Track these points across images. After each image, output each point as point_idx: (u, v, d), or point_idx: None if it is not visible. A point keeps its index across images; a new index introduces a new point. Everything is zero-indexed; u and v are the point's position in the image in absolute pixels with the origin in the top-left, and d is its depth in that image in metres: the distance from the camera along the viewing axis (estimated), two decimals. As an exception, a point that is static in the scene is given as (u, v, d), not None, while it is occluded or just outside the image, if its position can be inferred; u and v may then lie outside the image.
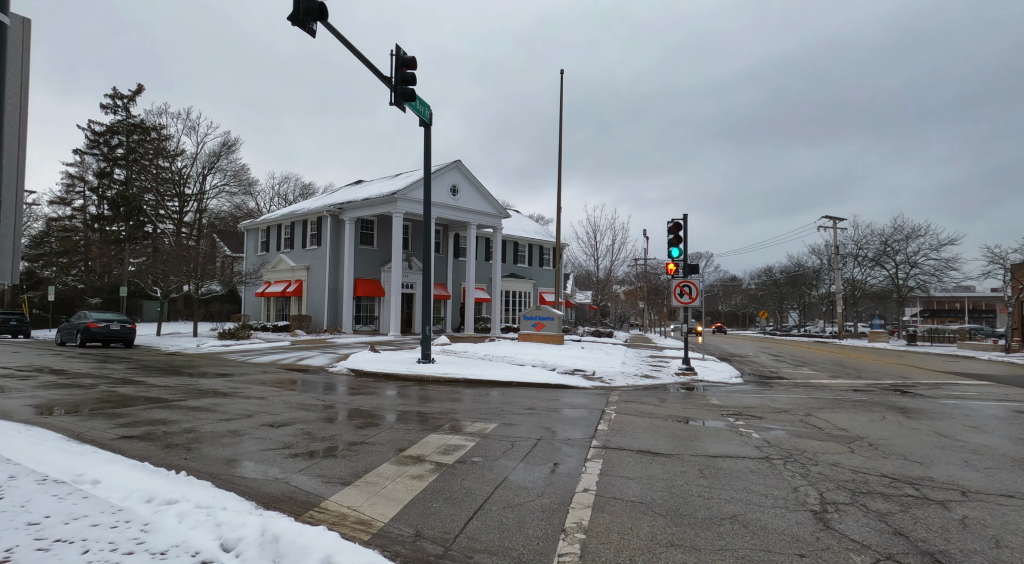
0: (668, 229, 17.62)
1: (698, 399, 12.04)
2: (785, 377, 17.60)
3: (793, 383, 15.84)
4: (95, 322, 24.38)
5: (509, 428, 7.97)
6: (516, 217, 49.66)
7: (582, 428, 8.22)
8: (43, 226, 49.04)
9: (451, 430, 7.74)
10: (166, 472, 5.19)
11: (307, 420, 8.29)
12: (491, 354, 19.66)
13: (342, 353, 19.91)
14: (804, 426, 8.74)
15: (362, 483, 5.25)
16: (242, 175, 57.19)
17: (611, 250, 49.08)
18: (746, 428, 8.44)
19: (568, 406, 10.53)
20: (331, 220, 31.64)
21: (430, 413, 9.24)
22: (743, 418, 9.44)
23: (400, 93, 13.71)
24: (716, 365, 19.89)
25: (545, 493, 5.10)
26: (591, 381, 14.57)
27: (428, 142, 16.56)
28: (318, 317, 31.51)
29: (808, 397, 12.57)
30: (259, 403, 9.73)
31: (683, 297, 17.42)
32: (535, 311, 23.86)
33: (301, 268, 33.00)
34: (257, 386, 12.19)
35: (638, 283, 67.96)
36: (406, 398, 11.11)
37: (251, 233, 39.05)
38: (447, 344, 22.17)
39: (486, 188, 32.70)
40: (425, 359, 16.13)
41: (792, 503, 4.94)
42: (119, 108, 48.74)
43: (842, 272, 50.50)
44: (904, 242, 45.26)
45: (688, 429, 8.50)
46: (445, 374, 14.27)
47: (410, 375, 14.28)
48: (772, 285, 75.64)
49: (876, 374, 18.88)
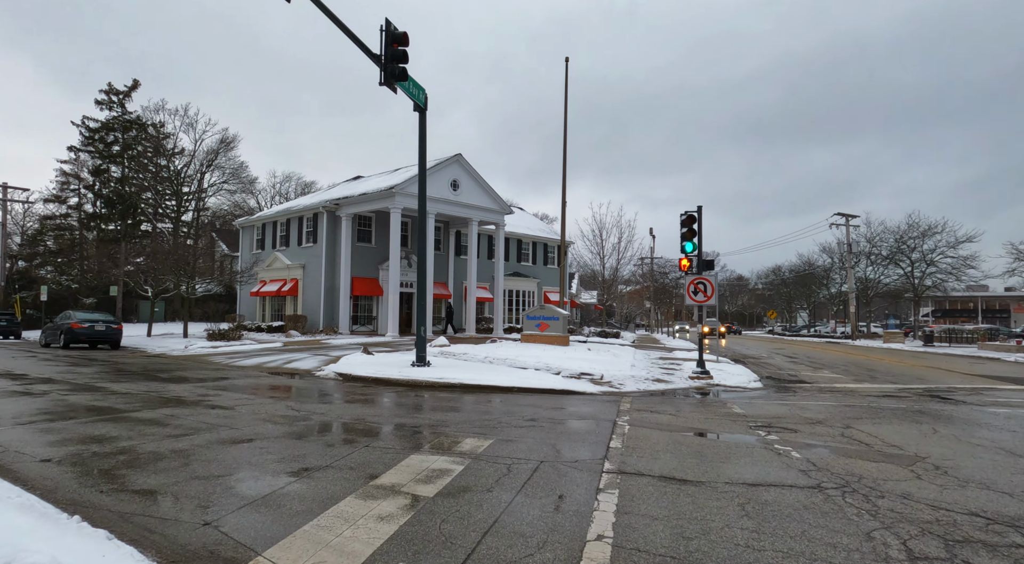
0: (681, 222, 16.43)
1: (719, 407, 10.85)
2: (806, 381, 16.39)
3: (817, 388, 14.64)
4: (79, 322, 23.31)
5: (506, 446, 6.81)
6: (520, 214, 48.46)
7: (591, 445, 7.06)
8: (38, 224, 48.11)
9: (437, 449, 6.58)
10: (57, 515, 4.03)
11: (272, 436, 7.14)
12: (492, 356, 18.50)
13: (334, 355, 18.78)
14: (848, 441, 7.55)
15: (313, 528, 4.10)
16: (241, 172, 56.16)
17: (617, 248, 47.86)
18: (782, 445, 7.25)
19: (575, 416, 9.36)
20: (327, 216, 30.47)
21: (417, 426, 8.08)
22: (775, 431, 8.25)
23: (390, 71, 12.55)
24: (731, 368, 18.69)
25: (547, 543, 3.93)
26: (599, 386, 13.40)
27: (423, 129, 15.41)
28: (314, 317, 30.37)
29: (839, 404, 11.38)
30: (223, 415, 8.59)
31: (697, 295, 16.23)
32: (539, 310, 22.66)
33: (297, 266, 31.87)
34: (230, 393, 11.05)
35: (644, 283, 66.69)
36: (393, 407, 9.96)
37: (246, 230, 37.89)
38: (446, 345, 21.02)
39: (489, 184, 31.50)
40: (420, 362, 14.98)
41: (871, 559, 3.75)
42: (114, 104, 47.76)
43: (854, 271, 49.14)
44: (920, 239, 43.86)
45: (716, 446, 7.32)
46: (440, 379, 13.11)
47: (402, 380, 13.13)
48: (780, 284, 74.20)
49: (904, 377, 17.64)
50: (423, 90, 15.00)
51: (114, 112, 47.94)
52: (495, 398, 11.49)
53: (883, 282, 50.52)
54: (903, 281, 47.47)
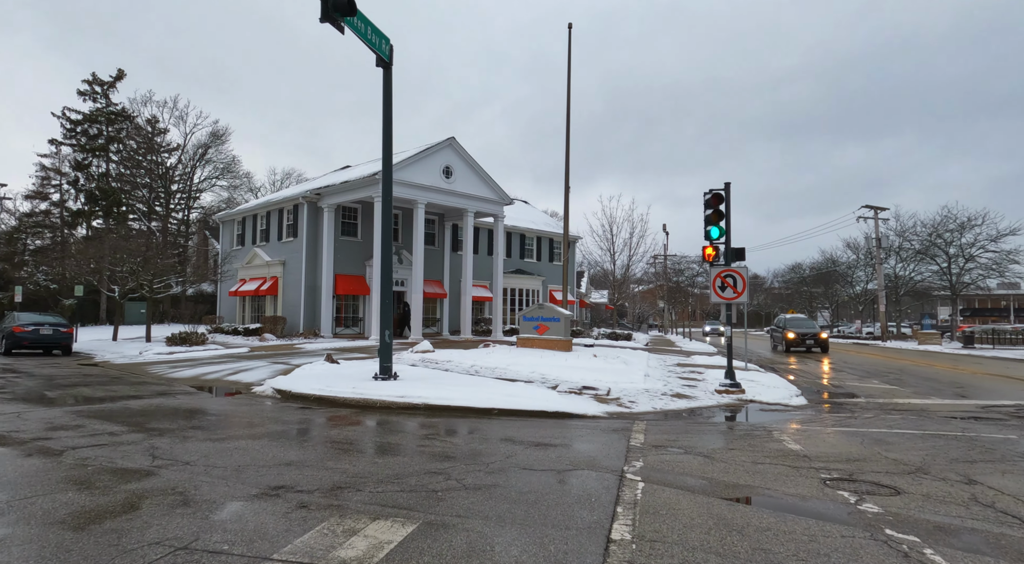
0: (706, 202, 13.51)
1: (765, 440, 7.95)
2: (857, 394, 13.44)
3: (877, 406, 11.69)
4: (21, 326, 20.71)
5: (432, 543, 3.97)
6: (525, 208, 45.53)
7: (579, 535, 4.20)
8: (15, 222, 45.81)
9: (305, 556, 3.74)
10: None
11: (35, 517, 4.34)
12: (479, 365, 15.69)
13: (295, 363, 16.06)
14: (997, 516, 4.66)
15: None
16: (233, 167, 53.66)
17: (629, 244, 44.57)
18: (896, 527, 4.39)
19: (565, 462, 6.50)
20: (308, 208, 27.63)
21: (312, 489, 5.25)
22: (864, 491, 5.41)
23: (334, 2, 9.71)
24: (763, 377, 15.74)
25: None
26: (604, 404, 10.54)
27: (388, 88, 12.60)
28: (294, 318, 27.62)
29: (924, 434, 8.46)
30: (24, 474, 5.82)
31: (725, 290, 13.30)
32: (537, 310, 19.77)
33: (277, 263, 29.11)
34: (96, 422, 8.29)
35: (658, 282, 63.55)
36: (307, 448, 7.13)
37: (227, 225, 35.13)
38: (428, 352, 18.23)
39: (486, 171, 28.57)
40: (384, 374, 12.18)
41: None
42: (98, 95, 45.39)
43: (883, 267, 45.78)
44: (958, 232, 40.37)
45: (787, 532, 4.41)
46: (401, 398, 10.30)
47: (351, 400, 10.32)
48: (800, 283, 70.71)
49: (974, 390, 14.60)
50: (386, 39, 12.20)
51: (98, 103, 45.58)
52: (464, 427, 8.67)
53: (914, 279, 47.00)
54: (937, 278, 43.96)
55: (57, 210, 46.18)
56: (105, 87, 45.63)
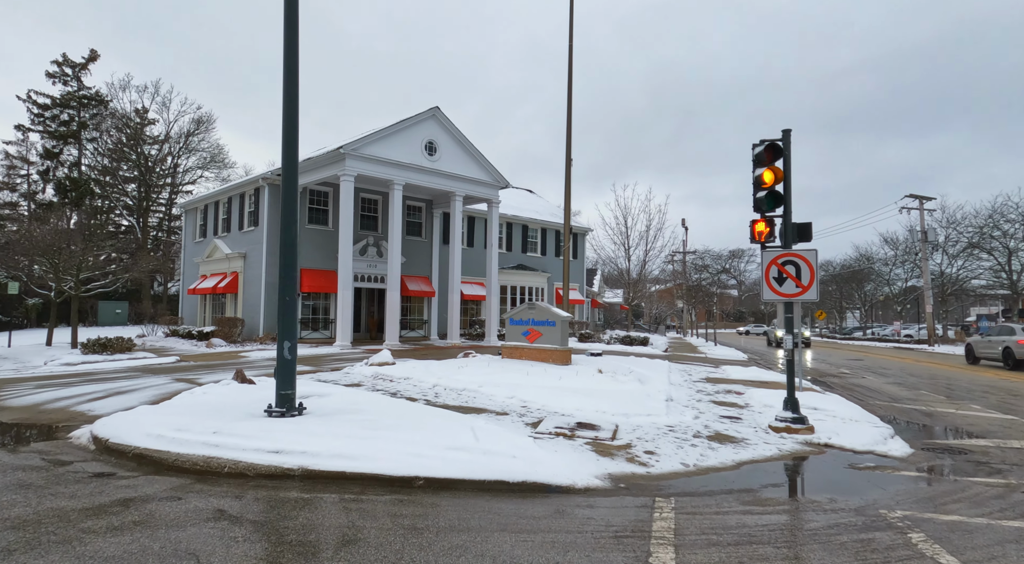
0: (755, 158, 9.43)
1: (890, 556, 3.89)
2: (970, 431, 9.32)
3: (1016, 452, 7.55)
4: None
5: None
6: (529, 197, 41.41)
7: None
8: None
9: None
10: None
11: None
12: (444, 385, 11.73)
13: (205, 381, 12.23)
14: None
15: None
16: (220, 157, 50.14)
17: (645, 238, 40.35)
18: None
19: None
20: (269, 191, 23.70)
21: None
22: None
23: None
24: (828, 403, 11.60)
25: None
26: (607, 459, 6.54)
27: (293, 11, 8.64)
28: (254, 320, 23.78)
29: None
30: None
31: (784, 284, 9.21)
32: (527, 311, 15.66)
33: (237, 256, 25.27)
34: None
35: (677, 280, 59.09)
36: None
37: (189, 214, 31.23)
38: (387, 364, 14.30)
39: (477, 148, 24.52)
40: (281, 407, 8.28)
41: None
42: (68, 78, 42.02)
43: (929, 263, 41.12)
44: (1020, 224, 35.58)
45: None
46: (275, 453, 6.33)
47: (197, 461, 6.32)
48: (829, 281, 65.84)
49: None
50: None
51: (69, 86, 42.21)
52: (340, 522, 4.66)
53: (963, 277, 42.20)
54: (992, 275, 39.23)
55: (26, 202, 42.90)
56: (77, 69, 42.25)
